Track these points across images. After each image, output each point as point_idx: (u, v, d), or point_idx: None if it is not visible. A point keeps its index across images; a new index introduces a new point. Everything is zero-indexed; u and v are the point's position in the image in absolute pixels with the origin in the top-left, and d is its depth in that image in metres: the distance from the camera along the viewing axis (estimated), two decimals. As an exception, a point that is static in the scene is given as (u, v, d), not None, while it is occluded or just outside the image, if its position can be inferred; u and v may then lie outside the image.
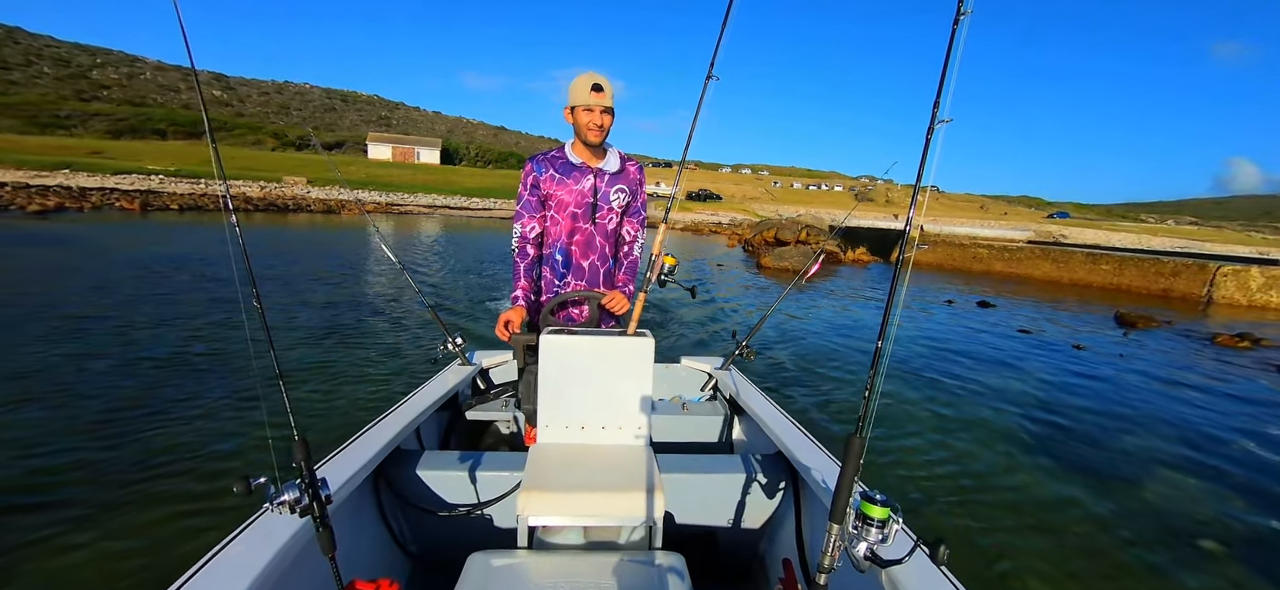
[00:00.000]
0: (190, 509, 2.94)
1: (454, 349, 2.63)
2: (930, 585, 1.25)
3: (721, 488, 2.00)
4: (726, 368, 2.85)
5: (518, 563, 1.36)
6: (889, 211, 69.03)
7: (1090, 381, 6.28)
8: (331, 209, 29.87)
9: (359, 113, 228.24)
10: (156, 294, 7.78)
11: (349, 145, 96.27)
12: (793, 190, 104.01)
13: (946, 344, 7.72)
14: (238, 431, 3.80)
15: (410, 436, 2.10)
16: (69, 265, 9.54)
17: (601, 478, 1.56)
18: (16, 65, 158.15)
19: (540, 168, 2.15)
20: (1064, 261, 14.90)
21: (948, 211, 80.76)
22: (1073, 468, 4.11)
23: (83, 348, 5.30)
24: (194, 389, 4.49)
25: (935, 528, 3.18)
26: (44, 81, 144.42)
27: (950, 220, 63.65)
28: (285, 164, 52.88)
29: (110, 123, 77.27)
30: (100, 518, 2.84)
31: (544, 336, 1.75)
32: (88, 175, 32.82)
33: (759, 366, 5.98)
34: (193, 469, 3.32)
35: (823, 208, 62.25)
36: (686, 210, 47.70)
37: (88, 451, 3.46)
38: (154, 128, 77.81)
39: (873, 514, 1.09)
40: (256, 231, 18.56)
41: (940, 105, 1.08)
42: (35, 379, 4.48)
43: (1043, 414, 5.18)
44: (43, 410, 3.98)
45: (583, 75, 2.04)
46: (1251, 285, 12.14)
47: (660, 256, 2.15)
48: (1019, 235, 42.85)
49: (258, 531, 1.27)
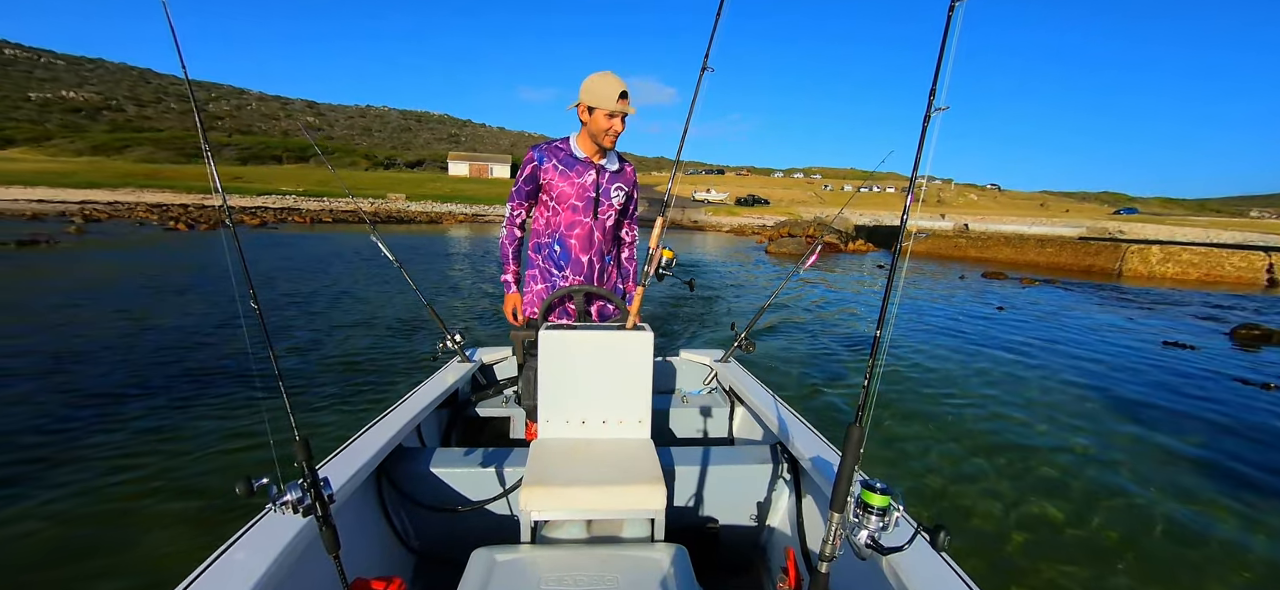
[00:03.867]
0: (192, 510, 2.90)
1: (453, 346, 2.62)
2: (931, 571, 1.27)
3: (723, 479, 2.00)
4: (726, 360, 2.87)
5: (521, 557, 1.36)
6: (938, 211, 70.06)
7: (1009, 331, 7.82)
8: (434, 219, 36.60)
9: (431, 131, 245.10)
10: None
11: (428, 163, 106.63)
12: (843, 193, 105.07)
13: (937, 327, 8.24)
14: (241, 433, 3.75)
15: (411, 434, 2.12)
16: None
17: (603, 472, 1.57)
18: (149, 102, 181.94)
19: (543, 157, 2.15)
20: (1019, 245, 18.70)
21: (1003, 209, 79.95)
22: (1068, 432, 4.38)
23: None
24: (192, 392, 4.46)
25: (936, 514, 3.23)
26: (170, 116, 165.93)
27: (998, 217, 64.23)
28: (382, 182, 61.47)
29: (238, 151, 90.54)
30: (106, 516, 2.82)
31: (543, 332, 1.75)
32: (246, 198, 41.53)
33: (760, 357, 6.05)
34: (194, 470, 3.28)
35: (868, 209, 64.53)
36: (733, 214, 51.13)
37: (88, 449, 3.46)
38: (273, 154, 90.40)
39: (873, 502, 1.11)
40: (396, 239, 24.20)
41: (937, 94, 1.08)
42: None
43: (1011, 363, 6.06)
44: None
45: (605, 78, 2.00)
46: (1151, 260, 15.69)
47: (658, 250, 2.07)
48: (1067, 232, 44.21)
49: (261, 532, 1.28)
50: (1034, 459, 3.95)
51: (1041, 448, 4.15)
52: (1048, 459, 3.95)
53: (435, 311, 2.69)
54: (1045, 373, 6.07)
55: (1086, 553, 2.91)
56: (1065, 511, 3.28)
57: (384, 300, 8.77)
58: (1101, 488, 3.56)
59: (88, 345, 5.66)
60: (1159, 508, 3.34)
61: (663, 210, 1.97)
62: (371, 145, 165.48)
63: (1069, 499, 3.41)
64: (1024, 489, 3.51)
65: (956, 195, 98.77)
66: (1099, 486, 3.58)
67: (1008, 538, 3.01)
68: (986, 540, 2.99)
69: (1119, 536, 3.05)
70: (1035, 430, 4.48)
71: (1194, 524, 3.19)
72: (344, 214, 35.15)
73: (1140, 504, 3.39)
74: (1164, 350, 7.33)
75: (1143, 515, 3.28)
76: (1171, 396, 5.43)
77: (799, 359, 6.40)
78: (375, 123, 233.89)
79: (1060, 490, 3.52)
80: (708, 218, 44.98)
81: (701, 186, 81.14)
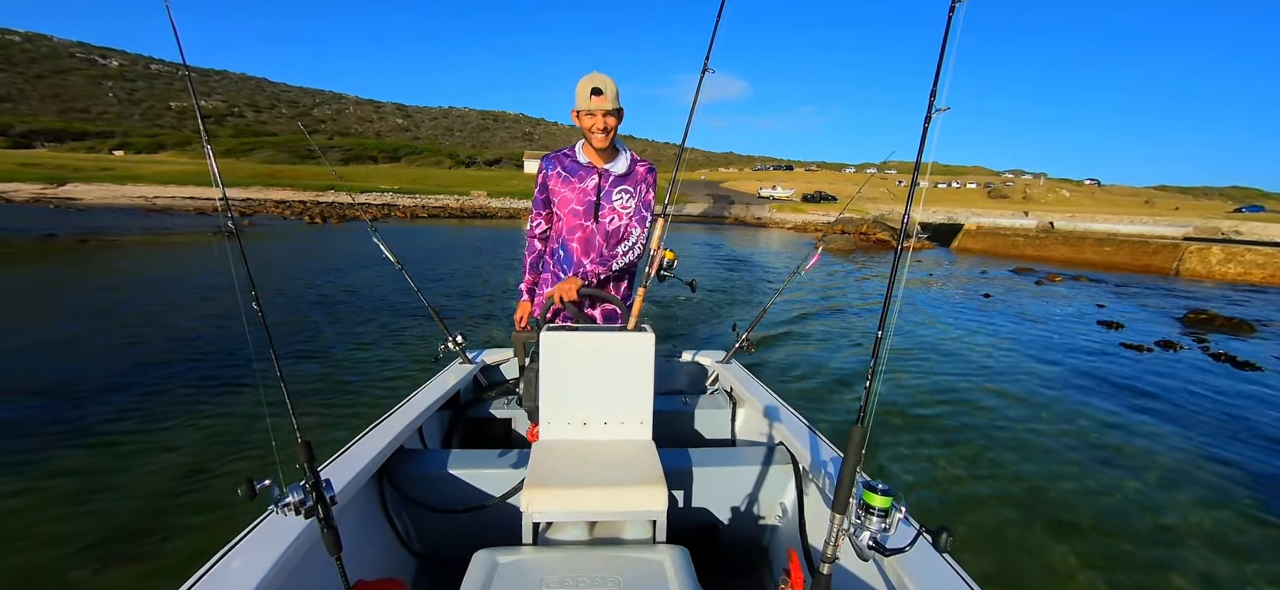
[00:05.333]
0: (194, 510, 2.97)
1: (455, 347, 2.64)
2: (934, 572, 1.27)
3: (725, 480, 2.02)
4: (728, 361, 2.89)
5: (523, 559, 1.36)
6: (1020, 209, 66.30)
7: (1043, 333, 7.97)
8: (512, 215, 39.96)
9: (507, 130, 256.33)
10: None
11: (505, 161, 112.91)
12: (919, 189, 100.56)
13: (949, 325, 8.41)
14: (245, 434, 3.82)
15: (413, 436, 2.13)
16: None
17: (605, 473, 1.58)
18: (265, 108, 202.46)
19: (549, 166, 2.23)
20: (1076, 244, 18.76)
21: (1099, 206, 74.12)
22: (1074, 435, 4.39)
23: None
24: (191, 394, 4.50)
25: (939, 515, 3.23)
26: (281, 120, 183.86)
27: (1091, 215, 60.10)
28: (464, 180, 66.43)
29: (341, 152, 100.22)
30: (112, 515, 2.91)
31: (544, 333, 1.75)
32: (353, 196, 46.88)
33: (764, 357, 6.12)
34: (194, 472, 3.33)
35: (943, 206, 62.34)
36: (799, 211, 51.16)
37: (88, 447, 3.58)
38: (369, 155, 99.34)
39: (875, 503, 1.11)
40: (479, 233, 27.09)
41: (938, 94, 1.09)
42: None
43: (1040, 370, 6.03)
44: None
45: (585, 78, 2.03)
46: (1211, 260, 15.55)
47: (659, 251, 2.09)
48: (1168, 231, 41.31)
49: (263, 534, 1.29)
50: (1025, 448, 4.07)
51: (1040, 442, 4.27)
52: (1045, 456, 4.03)
53: (437, 313, 2.72)
54: (1009, 356, 6.80)
55: (1102, 555, 2.90)
56: (1065, 511, 3.30)
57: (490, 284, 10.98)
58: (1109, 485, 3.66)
59: (356, 309, 7.83)
60: (1126, 487, 3.58)
61: (663, 210, 2.12)
62: (453, 144, 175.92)
63: (1069, 500, 3.45)
64: (1021, 487, 3.56)
65: (1046, 191, 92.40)
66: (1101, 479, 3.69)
67: (1017, 538, 3.01)
68: (988, 541, 3.00)
69: (1135, 545, 3.04)
70: (1034, 423, 4.62)
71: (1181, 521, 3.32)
72: (435, 209, 39.33)
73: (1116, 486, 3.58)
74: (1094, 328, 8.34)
75: (1132, 507, 3.38)
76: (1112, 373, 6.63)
77: (801, 358, 6.44)
78: (457, 123, 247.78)
79: (1057, 487, 3.60)
80: (772, 215, 45.69)
81: (767, 182, 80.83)
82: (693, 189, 72.27)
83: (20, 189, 39.31)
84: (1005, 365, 6.44)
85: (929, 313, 9.63)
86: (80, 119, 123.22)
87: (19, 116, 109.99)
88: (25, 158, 60.71)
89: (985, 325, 8.67)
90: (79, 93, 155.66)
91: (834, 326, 8.34)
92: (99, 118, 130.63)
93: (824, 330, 8.00)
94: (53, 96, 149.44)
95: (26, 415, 4.11)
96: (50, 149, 77.93)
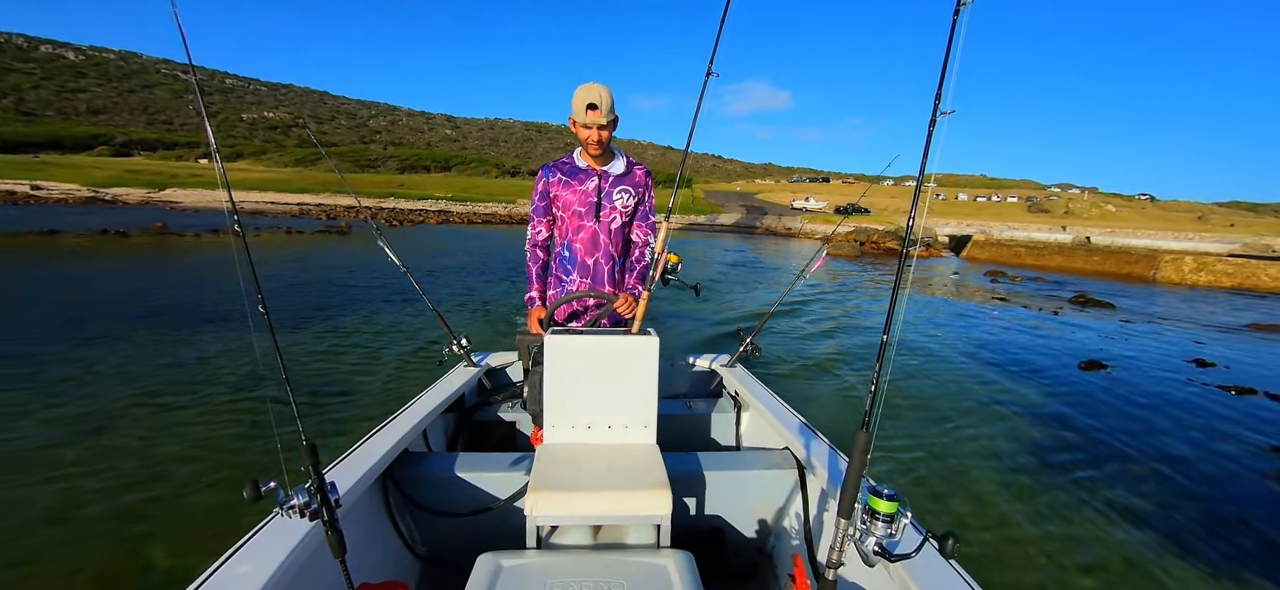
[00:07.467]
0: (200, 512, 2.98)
1: (460, 351, 2.66)
2: (940, 578, 1.25)
3: (729, 485, 2.01)
4: (732, 365, 2.88)
5: (527, 563, 1.37)
6: (1059, 222, 65.66)
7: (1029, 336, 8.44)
8: (555, 222, 43.56)
9: (550, 141, 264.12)
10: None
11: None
12: (957, 202, 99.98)
13: (951, 331, 8.56)
14: (247, 436, 3.83)
15: (417, 439, 2.14)
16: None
17: (609, 477, 1.58)
18: (326, 119, 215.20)
19: (549, 173, 2.29)
20: (1069, 254, 20.45)
21: (1148, 221, 72.21)
22: (1074, 447, 4.39)
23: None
24: (195, 396, 4.51)
25: (945, 521, 3.20)
26: (341, 131, 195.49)
27: (1134, 230, 59.30)
28: (510, 189, 70.68)
29: (398, 162, 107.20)
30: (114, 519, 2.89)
31: (549, 337, 1.76)
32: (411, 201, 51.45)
33: (769, 361, 6.12)
34: (194, 471, 3.35)
35: (982, 220, 62.59)
36: (831, 222, 52.65)
37: (88, 449, 3.57)
38: (423, 165, 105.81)
39: (880, 509, 1.10)
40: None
41: (942, 98, 1.08)
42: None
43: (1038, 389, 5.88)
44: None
45: (582, 89, 2.06)
46: (1184, 268, 17.13)
47: (663, 255, 2.09)
48: (1214, 248, 41.24)
49: (268, 536, 1.29)
50: (1026, 448, 4.14)
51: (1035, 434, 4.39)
52: (1040, 452, 4.14)
53: (442, 316, 2.76)
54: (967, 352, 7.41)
55: (1109, 562, 2.89)
56: (1068, 513, 3.32)
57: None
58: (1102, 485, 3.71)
59: (369, 309, 8.15)
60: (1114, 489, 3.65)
61: (666, 215, 2.14)
62: (499, 154, 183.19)
63: (1072, 500, 3.48)
64: (1019, 487, 3.60)
65: (1090, 206, 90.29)
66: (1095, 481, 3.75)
67: (1025, 546, 2.99)
68: (991, 543, 2.99)
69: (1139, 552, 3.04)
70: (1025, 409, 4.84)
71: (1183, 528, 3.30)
72: (487, 216, 43.19)
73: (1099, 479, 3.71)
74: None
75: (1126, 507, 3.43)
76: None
77: (807, 363, 6.49)
78: (502, 134, 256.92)
79: (1054, 481, 3.68)
80: (803, 226, 47.71)
81: (801, 194, 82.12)
82: (727, 200, 74.30)
83: (130, 193, 45.14)
84: (1003, 359, 7.02)
85: (930, 311, 10.54)
86: (166, 130, 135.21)
87: (118, 127, 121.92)
88: (129, 164, 68.28)
89: (973, 328, 9.40)
90: (164, 105, 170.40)
91: (839, 331, 8.38)
92: (181, 128, 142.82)
93: (829, 335, 8.02)
94: (142, 109, 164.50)
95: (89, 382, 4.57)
96: (146, 157, 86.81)
